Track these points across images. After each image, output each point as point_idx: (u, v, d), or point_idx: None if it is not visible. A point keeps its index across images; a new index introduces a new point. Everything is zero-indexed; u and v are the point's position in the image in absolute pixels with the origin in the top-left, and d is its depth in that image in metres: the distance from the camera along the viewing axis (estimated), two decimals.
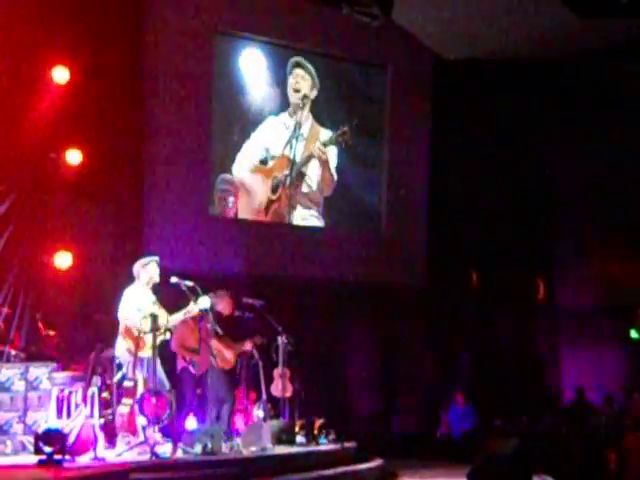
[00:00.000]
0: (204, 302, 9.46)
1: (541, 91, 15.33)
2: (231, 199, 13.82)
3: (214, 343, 9.70)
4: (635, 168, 14.70)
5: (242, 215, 13.95)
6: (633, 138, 14.46)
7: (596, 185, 15.36)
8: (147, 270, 9.60)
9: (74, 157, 11.66)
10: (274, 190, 14.11)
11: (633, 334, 13.14)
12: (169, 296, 9.61)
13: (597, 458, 9.24)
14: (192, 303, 9.39)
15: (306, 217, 14.43)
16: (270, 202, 14.14)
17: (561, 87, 15.01)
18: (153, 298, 9.63)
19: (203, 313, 9.51)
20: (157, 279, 9.63)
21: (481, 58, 14.68)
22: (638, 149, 14.52)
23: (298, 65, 14.30)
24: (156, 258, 9.69)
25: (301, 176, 14.36)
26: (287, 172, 14.15)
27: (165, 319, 9.43)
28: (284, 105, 14.24)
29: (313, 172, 14.48)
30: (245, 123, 13.95)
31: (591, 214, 15.48)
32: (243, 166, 13.90)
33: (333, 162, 14.60)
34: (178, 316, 9.49)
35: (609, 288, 14.75)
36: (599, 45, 13.66)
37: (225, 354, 9.91)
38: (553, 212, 16.33)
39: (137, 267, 9.63)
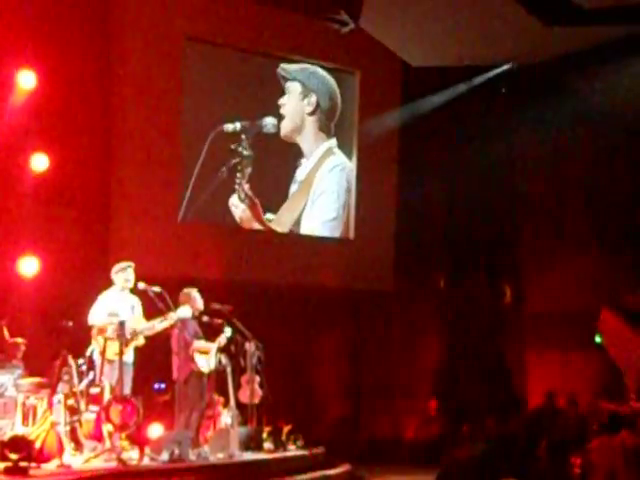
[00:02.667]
0: (185, 311, 9.47)
1: (508, 97, 15.46)
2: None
3: (196, 347, 9.66)
4: (603, 173, 14.84)
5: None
6: (599, 143, 14.60)
7: (564, 190, 15.49)
8: (121, 275, 9.64)
9: (40, 162, 11.58)
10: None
11: (597, 339, 13.24)
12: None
13: (562, 462, 9.32)
14: (172, 312, 9.38)
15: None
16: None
17: (528, 93, 15.13)
18: (133, 303, 9.62)
19: (180, 322, 9.49)
20: (131, 284, 9.64)
21: (448, 65, 14.77)
22: (605, 154, 14.66)
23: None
24: (132, 264, 9.70)
25: None
26: None
27: (140, 325, 9.43)
28: (256, 111, 14.19)
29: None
30: (216, 128, 13.87)
31: (558, 219, 15.60)
32: None
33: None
34: (154, 324, 9.48)
35: (576, 293, 14.86)
36: (565, 51, 13.80)
37: (205, 358, 9.85)
38: (520, 217, 16.45)
39: (113, 271, 9.69)
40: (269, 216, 14.15)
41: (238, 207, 13.77)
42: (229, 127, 13.65)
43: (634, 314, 12.25)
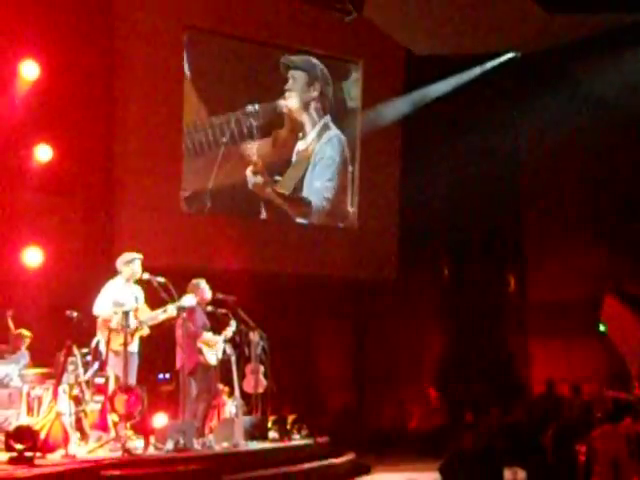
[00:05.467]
0: (188, 300, 9.45)
1: (511, 86, 15.42)
2: None
3: (203, 339, 9.66)
4: (605, 163, 14.82)
5: None
6: (602, 132, 14.57)
7: (567, 179, 15.48)
8: (129, 267, 9.59)
9: (44, 153, 11.58)
10: None
11: (601, 327, 13.25)
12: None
13: (567, 450, 9.32)
14: (171, 304, 9.36)
15: None
16: None
17: (530, 81, 15.10)
18: (136, 293, 9.60)
19: (187, 312, 9.47)
20: (138, 276, 9.62)
21: (451, 53, 14.74)
22: (608, 143, 14.63)
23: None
24: (140, 256, 9.67)
25: None
26: None
27: (144, 315, 9.43)
28: (256, 100, 14.22)
29: None
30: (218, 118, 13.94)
31: (561, 208, 15.59)
32: None
33: None
34: (157, 314, 9.48)
35: (579, 281, 14.86)
36: (567, 39, 13.77)
37: (212, 350, 9.85)
38: (523, 206, 16.44)
39: (120, 263, 9.63)
40: (277, 178, 14.60)
41: (251, 178, 14.24)
42: (250, 108, 14.16)
43: (637, 301, 12.26)
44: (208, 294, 9.93)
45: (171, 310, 9.40)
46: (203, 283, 9.92)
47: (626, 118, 14.02)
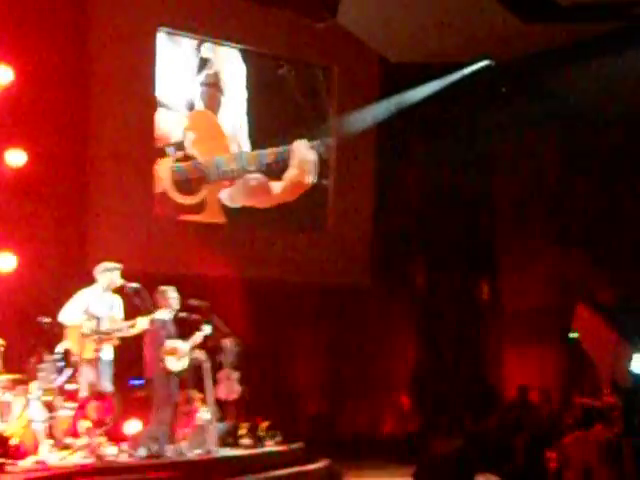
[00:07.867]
0: (163, 314, 9.43)
1: (486, 94, 15.50)
2: None
3: (168, 347, 9.61)
4: (577, 170, 14.93)
5: None
6: (575, 140, 14.68)
7: (540, 187, 15.57)
8: (107, 276, 9.55)
9: (17, 158, 11.51)
10: None
11: (572, 335, 13.33)
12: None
13: (538, 456, 9.40)
14: (140, 318, 9.34)
15: None
16: None
17: (506, 89, 15.19)
18: (112, 302, 9.55)
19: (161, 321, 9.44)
20: (115, 286, 9.57)
21: (426, 61, 14.81)
22: (580, 150, 14.73)
23: None
24: (120, 266, 9.62)
25: None
26: None
27: (117, 324, 9.39)
28: None
29: None
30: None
31: (535, 215, 15.68)
32: None
33: None
34: (124, 326, 9.45)
35: (552, 289, 14.95)
36: (543, 48, 13.87)
37: (175, 357, 9.79)
38: (498, 213, 16.53)
39: (97, 271, 9.59)
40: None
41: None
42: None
43: (608, 310, 12.36)
44: (176, 302, 9.79)
45: (141, 324, 9.36)
46: (171, 291, 9.77)
47: (600, 128, 14.13)
